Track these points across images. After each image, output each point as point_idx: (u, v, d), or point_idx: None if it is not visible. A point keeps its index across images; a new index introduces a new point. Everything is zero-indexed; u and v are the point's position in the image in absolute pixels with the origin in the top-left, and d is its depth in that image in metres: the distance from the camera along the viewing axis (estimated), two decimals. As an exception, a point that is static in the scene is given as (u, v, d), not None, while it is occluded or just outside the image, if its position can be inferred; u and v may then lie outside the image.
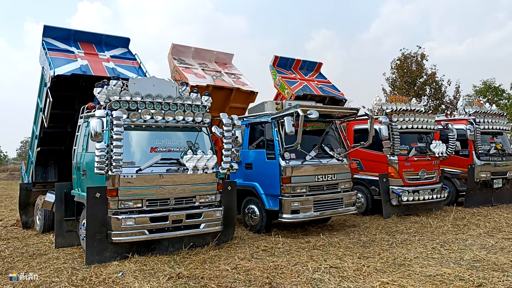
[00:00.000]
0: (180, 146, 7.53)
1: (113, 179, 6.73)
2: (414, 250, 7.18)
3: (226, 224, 7.94)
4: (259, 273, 5.88)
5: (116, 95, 7.15)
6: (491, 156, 12.42)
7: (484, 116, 12.61)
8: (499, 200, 12.66)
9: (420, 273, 5.76)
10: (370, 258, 6.62)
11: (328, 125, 9.67)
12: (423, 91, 28.19)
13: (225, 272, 5.98)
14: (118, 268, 6.23)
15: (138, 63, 11.00)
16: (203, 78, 11.56)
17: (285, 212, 8.47)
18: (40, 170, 10.58)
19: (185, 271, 5.98)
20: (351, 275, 5.70)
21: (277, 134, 8.76)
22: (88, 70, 9.76)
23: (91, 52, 10.63)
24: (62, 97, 9.29)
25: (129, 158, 6.99)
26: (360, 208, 11.35)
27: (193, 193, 7.43)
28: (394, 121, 10.71)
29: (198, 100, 7.93)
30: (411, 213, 10.88)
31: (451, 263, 6.29)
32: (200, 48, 12.77)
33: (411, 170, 10.83)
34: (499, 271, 5.84)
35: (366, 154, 11.32)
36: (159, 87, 7.80)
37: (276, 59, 13.66)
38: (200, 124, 7.77)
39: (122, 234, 6.70)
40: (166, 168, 7.21)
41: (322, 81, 14.39)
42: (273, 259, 6.69)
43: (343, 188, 9.30)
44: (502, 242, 7.66)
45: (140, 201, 6.93)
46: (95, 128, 6.42)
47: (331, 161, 9.17)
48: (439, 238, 8.12)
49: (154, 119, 7.22)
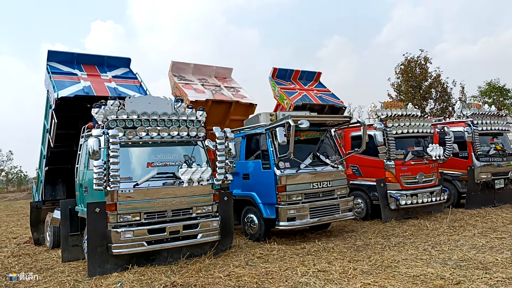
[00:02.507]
0: (176, 160, 7.88)
1: (111, 194, 7.09)
2: (406, 252, 7.35)
3: (224, 234, 8.24)
4: (249, 279, 6.15)
5: (113, 114, 7.54)
6: (491, 157, 12.49)
7: (482, 118, 12.71)
8: (502, 200, 12.68)
9: (405, 274, 5.95)
10: (360, 261, 6.82)
11: (322, 134, 9.92)
12: (429, 94, 28.21)
13: (218, 279, 6.26)
14: (117, 279, 6.56)
15: (139, 82, 11.46)
16: (202, 93, 11.95)
17: (282, 220, 8.71)
18: (49, 189, 11.05)
19: (179, 279, 6.28)
20: (336, 277, 5.93)
21: (271, 144, 9.04)
22: (91, 91, 10.24)
23: (93, 73, 11.12)
24: (67, 118, 9.75)
25: (126, 173, 7.35)
26: (360, 214, 11.53)
27: (190, 204, 7.74)
28: (389, 126, 10.90)
29: (193, 115, 8.28)
30: (410, 216, 10.98)
31: (437, 263, 6.46)
32: (200, 64, 13.19)
33: (409, 174, 10.97)
34: (482, 269, 5.98)
35: (364, 160, 11.51)
36: (154, 104, 8.20)
37: (275, 70, 13.99)
38: (195, 138, 8.11)
39: (122, 247, 7.04)
40: (162, 182, 7.56)
41: (321, 90, 14.66)
42: (266, 265, 6.94)
43: (339, 194, 9.50)
44: (493, 241, 7.78)
45: (138, 214, 7.27)
46: (92, 146, 6.83)
47: (326, 168, 9.39)
48: (433, 239, 8.27)
49: (149, 135, 7.59)
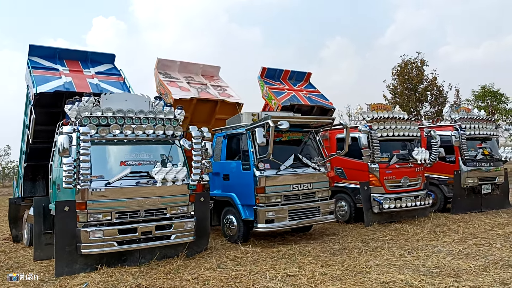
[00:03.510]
0: (151, 159, 7.73)
1: (82, 193, 6.94)
2: (381, 258, 7.22)
3: (199, 235, 8.10)
4: (217, 282, 6.02)
5: (87, 111, 7.40)
6: (478, 161, 12.36)
7: (471, 122, 12.57)
8: (489, 206, 12.54)
9: (374, 280, 5.82)
10: (332, 266, 6.69)
11: (305, 135, 9.78)
12: (424, 97, 28.09)
13: (185, 282, 6.13)
14: (84, 279, 6.42)
15: (122, 78, 11.32)
16: (187, 91, 11.80)
17: (260, 222, 8.57)
18: (29, 185, 10.91)
19: (146, 281, 6.15)
20: (303, 283, 5.79)
21: (251, 145, 8.90)
22: (72, 86, 10.10)
23: (76, 69, 10.97)
24: (46, 114, 9.61)
25: (98, 172, 7.20)
26: (343, 216, 11.39)
27: (164, 204, 7.60)
28: (374, 129, 10.76)
29: (170, 114, 8.13)
30: (394, 220, 10.85)
31: (410, 270, 6.32)
32: (186, 62, 13.04)
33: (393, 177, 10.83)
34: (453, 276, 5.86)
35: (348, 162, 11.37)
36: (131, 102, 8.08)
37: (264, 70, 13.84)
38: (171, 137, 7.97)
39: (91, 246, 6.89)
40: (136, 181, 7.42)
41: (310, 91, 14.51)
42: (237, 268, 6.81)
43: (320, 196, 9.36)
44: (471, 248, 7.64)
45: (109, 213, 7.12)
46: (62, 143, 6.69)
47: (307, 170, 9.25)
48: (410, 245, 8.13)
49: (123, 133, 7.44)
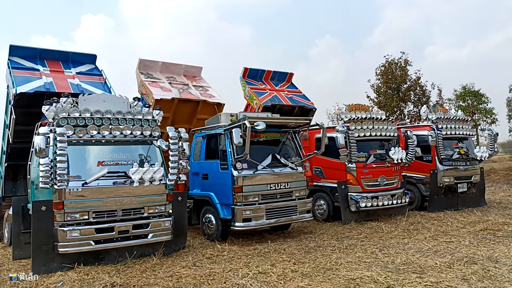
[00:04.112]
0: (128, 160, 7.85)
1: (59, 193, 7.04)
2: (353, 255, 7.43)
3: (177, 234, 8.24)
4: (190, 280, 6.17)
5: (65, 112, 7.49)
6: (454, 161, 12.66)
7: (447, 122, 12.88)
8: (465, 204, 12.83)
9: (343, 277, 6.02)
10: (304, 263, 6.87)
11: (283, 135, 9.96)
12: (407, 96, 28.48)
13: (159, 280, 6.27)
14: (60, 278, 6.53)
15: (103, 79, 11.41)
16: (169, 92, 11.90)
17: (237, 221, 8.73)
18: (10, 185, 10.99)
19: (120, 280, 6.27)
20: (274, 280, 5.97)
21: (229, 145, 9.05)
22: (52, 87, 10.17)
23: (57, 69, 11.03)
24: (27, 114, 9.67)
25: (76, 172, 7.32)
26: (322, 215, 11.62)
27: (141, 204, 7.72)
28: (352, 129, 10.98)
29: (149, 115, 8.26)
30: (371, 218, 11.08)
31: (378, 266, 6.54)
32: (168, 62, 13.14)
33: (370, 176, 11.07)
34: (418, 273, 6.08)
35: (326, 162, 11.59)
36: (110, 102, 8.19)
37: (246, 70, 13.97)
38: (149, 138, 8.08)
39: (68, 245, 7.00)
40: (113, 181, 7.53)
41: (292, 91, 14.69)
42: (212, 266, 6.96)
43: (297, 196, 9.55)
44: (441, 245, 7.89)
45: (86, 213, 7.23)
46: (39, 144, 6.78)
47: (285, 170, 9.43)
48: (383, 242, 8.37)
49: (101, 134, 7.55)
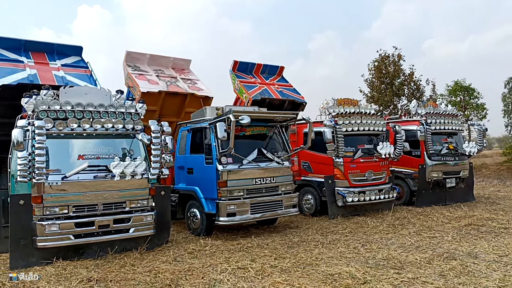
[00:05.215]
0: (110, 154, 7.75)
1: (38, 186, 6.94)
2: (335, 250, 7.39)
3: (160, 228, 8.17)
4: (168, 275, 6.10)
5: (45, 105, 7.37)
6: (443, 156, 12.63)
7: (436, 117, 12.84)
8: (453, 199, 12.85)
9: (322, 273, 5.97)
10: (285, 259, 6.82)
11: (269, 129, 9.88)
12: (401, 91, 28.39)
13: (137, 275, 6.20)
14: (37, 272, 6.45)
15: (89, 71, 11.29)
16: (156, 85, 11.78)
17: (222, 215, 8.66)
18: (-8, 178, 10.85)
19: (98, 275, 6.20)
20: (251, 275, 5.92)
21: (214, 139, 8.96)
22: (36, 79, 10.05)
23: (41, 61, 10.90)
24: (10, 106, 9.54)
25: (55, 165, 7.22)
26: (309, 209, 11.58)
27: (123, 198, 7.63)
28: (339, 123, 10.91)
29: (132, 108, 8.15)
30: (358, 213, 11.06)
31: (358, 262, 6.50)
32: (156, 55, 13.00)
33: (357, 171, 11.01)
34: (397, 269, 6.05)
35: (314, 156, 11.53)
36: (92, 95, 8.05)
37: (236, 64, 13.88)
38: (131, 132, 7.98)
39: (47, 240, 6.93)
40: (94, 175, 7.44)
41: (283, 85, 14.61)
42: (192, 261, 6.91)
43: (283, 190, 9.49)
44: (424, 240, 7.87)
45: (66, 207, 7.14)
46: (16, 137, 6.67)
47: (271, 164, 9.35)
48: (367, 238, 8.33)
49: (81, 127, 7.44)
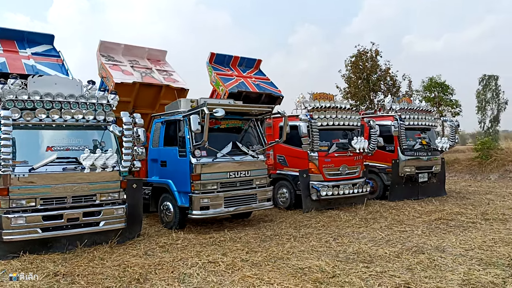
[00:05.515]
0: (80, 145, 7.59)
1: (3, 178, 6.74)
2: (307, 244, 7.43)
3: (132, 222, 8.06)
4: (137, 269, 6.02)
5: (12, 94, 7.14)
6: (416, 151, 12.84)
7: (411, 113, 13.02)
8: (425, 194, 13.11)
9: (292, 266, 5.99)
10: (257, 252, 6.82)
11: (245, 123, 9.84)
12: (377, 87, 28.71)
13: (106, 269, 6.10)
14: (1, 267, 6.28)
15: (61, 60, 11.02)
16: (130, 75, 11.57)
17: (195, 209, 8.60)
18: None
19: (65, 269, 6.08)
20: (222, 269, 5.90)
21: (188, 132, 8.86)
22: (5, 67, 9.76)
23: (11, 49, 10.58)
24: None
25: (23, 157, 7.03)
26: (284, 203, 11.62)
27: (93, 191, 7.49)
28: (315, 118, 10.95)
29: (103, 99, 7.97)
30: (332, 207, 11.15)
31: (329, 256, 6.56)
32: (131, 45, 12.75)
33: (332, 165, 11.09)
34: (366, 262, 6.13)
35: (290, 150, 11.56)
36: (61, 85, 7.85)
37: (213, 56, 13.72)
38: (103, 123, 7.82)
39: (13, 233, 6.75)
40: (63, 167, 7.27)
41: (260, 78, 14.54)
42: (163, 255, 6.84)
43: (258, 184, 9.48)
44: (394, 234, 7.99)
45: (33, 200, 6.97)
46: (-19, 128, 6.46)
47: (245, 158, 9.32)
48: (339, 231, 8.41)
49: (50, 118, 7.24)
